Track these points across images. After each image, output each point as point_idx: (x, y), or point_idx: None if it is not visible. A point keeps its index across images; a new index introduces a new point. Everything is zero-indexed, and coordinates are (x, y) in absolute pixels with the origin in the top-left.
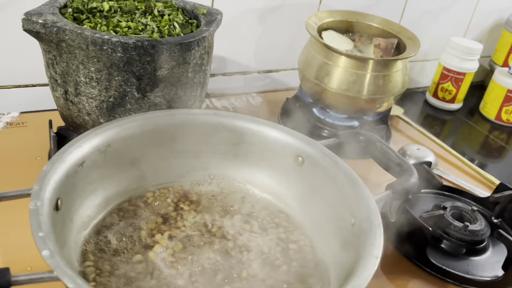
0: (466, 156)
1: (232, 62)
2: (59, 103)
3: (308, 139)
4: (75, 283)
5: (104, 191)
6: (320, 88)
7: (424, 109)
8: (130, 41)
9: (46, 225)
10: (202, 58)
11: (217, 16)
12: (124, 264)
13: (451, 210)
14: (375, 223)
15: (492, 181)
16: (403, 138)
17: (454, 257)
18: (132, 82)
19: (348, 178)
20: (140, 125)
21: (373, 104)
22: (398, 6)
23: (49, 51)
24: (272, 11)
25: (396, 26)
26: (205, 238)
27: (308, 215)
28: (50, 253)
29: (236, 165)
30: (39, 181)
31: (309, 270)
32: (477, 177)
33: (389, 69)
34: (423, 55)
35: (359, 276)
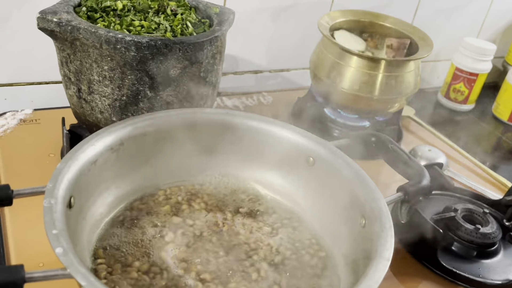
0: (478, 157)
1: (243, 61)
2: (72, 101)
3: (319, 140)
4: (88, 281)
5: (117, 189)
6: (331, 88)
7: (436, 110)
8: (143, 40)
9: (60, 222)
10: (215, 58)
11: (230, 15)
12: (135, 262)
13: (462, 212)
14: (387, 226)
15: (505, 184)
16: (414, 139)
17: (465, 259)
18: (145, 81)
19: (360, 179)
20: (153, 124)
21: (384, 105)
22: (411, 6)
23: (63, 49)
24: (285, 10)
25: (409, 26)
26: (215, 236)
27: (318, 216)
28: (64, 251)
29: (248, 164)
30: (52, 179)
31: (318, 270)
32: (489, 179)
33: (401, 69)
34: (435, 55)
35: (370, 278)
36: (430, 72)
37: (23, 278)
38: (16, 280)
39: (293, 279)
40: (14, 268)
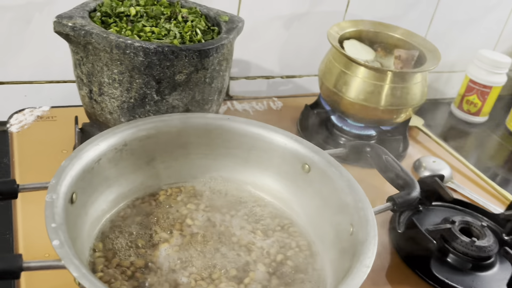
0: (487, 170)
1: (256, 66)
2: (84, 101)
3: (315, 148)
4: (80, 272)
5: (119, 187)
6: (338, 97)
7: (449, 121)
8: (151, 46)
9: (60, 217)
10: (221, 65)
11: (238, 24)
12: (132, 258)
13: (460, 224)
14: (371, 234)
15: (508, 198)
16: (421, 149)
17: (460, 271)
18: (152, 85)
19: (351, 188)
20: (156, 126)
21: (390, 115)
22: (426, 16)
23: (77, 52)
24: (298, 19)
25: (419, 38)
26: (211, 237)
27: (312, 222)
28: (60, 243)
29: (247, 169)
30: (56, 175)
31: (307, 276)
32: (493, 193)
33: (407, 81)
34: (450, 66)
35: (347, 284)
36: (445, 82)
37: (20, 266)
38: (13, 269)
39: (282, 283)
40: (12, 257)
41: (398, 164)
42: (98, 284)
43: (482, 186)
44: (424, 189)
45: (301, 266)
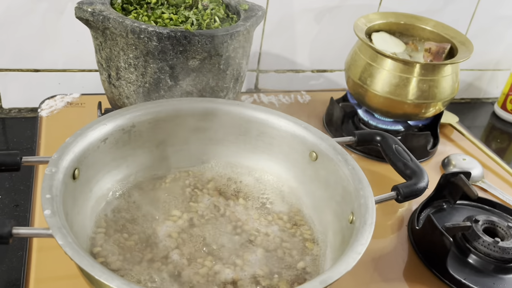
0: None
1: (285, 60)
2: (104, 86)
3: (323, 135)
4: (65, 241)
5: (127, 168)
6: (363, 90)
7: (491, 121)
8: (164, 31)
9: (57, 189)
10: (236, 52)
11: (258, 12)
12: (133, 235)
13: (484, 224)
14: (368, 222)
15: None
16: (453, 147)
17: (481, 273)
18: (165, 70)
19: (354, 176)
20: (165, 110)
21: (418, 109)
22: (467, 11)
23: (96, 37)
24: (329, 11)
25: (451, 31)
26: (215, 221)
27: (317, 210)
28: (52, 213)
29: (255, 155)
30: (59, 151)
31: (308, 263)
32: None
33: (436, 74)
34: (494, 64)
35: (334, 269)
36: (488, 81)
37: (9, 232)
38: (2, 234)
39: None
40: (2, 222)
41: (408, 153)
42: (81, 253)
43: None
44: (448, 186)
45: (302, 253)
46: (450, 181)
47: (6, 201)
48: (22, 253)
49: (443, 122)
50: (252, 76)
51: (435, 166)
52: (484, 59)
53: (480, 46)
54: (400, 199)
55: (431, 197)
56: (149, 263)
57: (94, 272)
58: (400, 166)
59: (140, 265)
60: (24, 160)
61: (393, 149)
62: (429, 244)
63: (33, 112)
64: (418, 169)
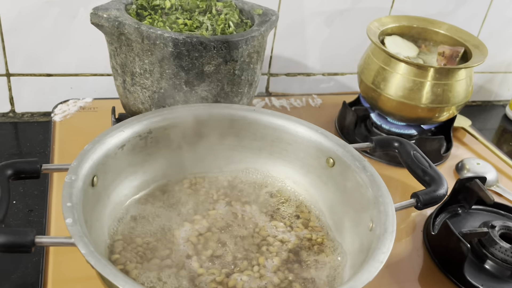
0: None
1: (296, 63)
2: (119, 91)
3: (340, 141)
4: (88, 250)
5: (144, 174)
6: (376, 94)
7: (502, 124)
8: (180, 37)
9: (77, 197)
10: (251, 57)
11: (272, 17)
12: (151, 242)
13: (500, 229)
14: (389, 230)
15: None
16: (466, 151)
17: (498, 279)
18: (181, 76)
19: (373, 183)
20: (181, 116)
21: (431, 113)
22: (479, 14)
23: (111, 43)
24: (340, 14)
25: (465, 34)
26: (231, 227)
27: (334, 217)
28: (73, 221)
29: (271, 161)
30: (78, 158)
31: (325, 271)
32: None
33: (450, 78)
34: (506, 66)
35: (356, 279)
36: (500, 83)
37: (32, 241)
38: (25, 243)
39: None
40: (24, 232)
41: (427, 160)
42: (104, 262)
43: None
44: (463, 191)
45: (319, 261)
46: (465, 186)
47: (20, 206)
48: (37, 258)
49: (455, 126)
50: (263, 79)
51: (449, 171)
52: (496, 61)
53: (491, 48)
54: (420, 206)
55: (446, 202)
56: (168, 270)
57: (117, 281)
58: (419, 173)
59: (158, 272)
60: (44, 168)
61: (411, 156)
62: (445, 250)
63: (45, 116)
64: (437, 176)
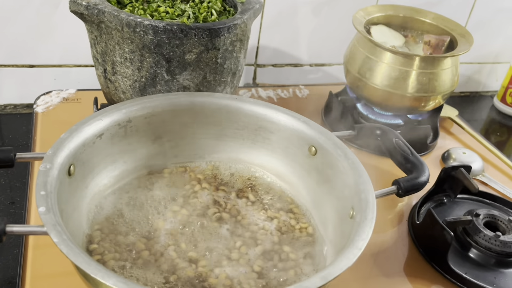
0: None
1: (283, 54)
2: (100, 81)
3: (322, 129)
4: (60, 238)
5: (124, 164)
6: (362, 83)
7: (491, 114)
8: (160, 24)
9: (52, 186)
10: (234, 45)
11: (255, 5)
12: (130, 232)
13: (485, 218)
14: (368, 217)
15: None
16: (453, 141)
17: (482, 267)
18: (162, 64)
19: (354, 170)
20: (162, 104)
21: (417, 102)
22: (466, 4)
23: (91, 31)
24: (328, 4)
25: (451, 23)
26: (214, 216)
27: (316, 205)
28: (46, 210)
29: (254, 150)
30: (53, 147)
31: (307, 258)
32: None
33: (436, 67)
34: (493, 57)
35: (335, 265)
36: (488, 74)
37: (3, 230)
38: None
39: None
40: None
41: (409, 147)
42: (76, 250)
43: None
44: (448, 180)
45: (301, 249)
46: (450, 175)
47: (1, 198)
48: (18, 250)
49: (442, 116)
50: (250, 70)
51: (435, 160)
52: (484, 52)
53: (479, 39)
54: (401, 193)
55: (431, 191)
56: (147, 260)
57: (90, 270)
58: (400, 160)
59: (137, 262)
60: (18, 157)
61: (393, 143)
62: (429, 239)
63: (28, 108)
64: (419, 163)
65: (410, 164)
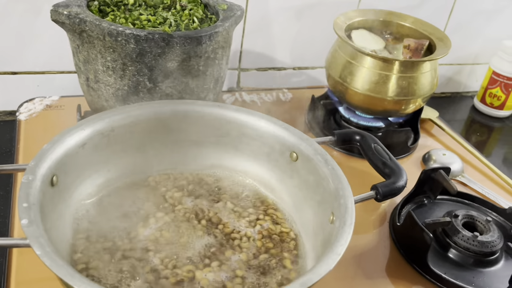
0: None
1: (267, 58)
2: (83, 88)
3: (303, 135)
4: (43, 251)
5: (108, 172)
6: (343, 87)
7: (471, 114)
8: (142, 33)
9: (34, 197)
10: (216, 52)
11: (237, 12)
12: (115, 240)
13: (463, 218)
14: (347, 222)
15: None
16: (433, 142)
17: (461, 267)
18: (144, 72)
19: (334, 176)
20: (145, 113)
21: (398, 106)
22: (445, 7)
23: (73, 40)
24: (310, 9)
25: (429, 27)
26: (196, 223)
27: (299, 210)
28: (29, 222)
29: (237, 157)
30: (36, 158)
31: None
32: (507, 188)
33: (415, 70)
34: (473, 58)
35: (315, 271)
36: (468, 75)
37: None
38: None
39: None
40: None
41: (387, 153)
42: (60, 262)
43: (495, 181)
44: (428, 182)
45: (284, 254)
46: (430, 176)
47: None
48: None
49: (423, 117)
50: (233, 74)
51: (416, 162)
52: (463, 53)
53: (459, 41)
54: (379, 198)
55: (412, 193)
56: (131, 268)
57: (73, 281)
58: (379, 165)
59: (121, 271)
60: (0, 169)
61: (372, 148)
62: (410, 240)
63: (11, 115)
64: (397, 168)
65: (388, 169)
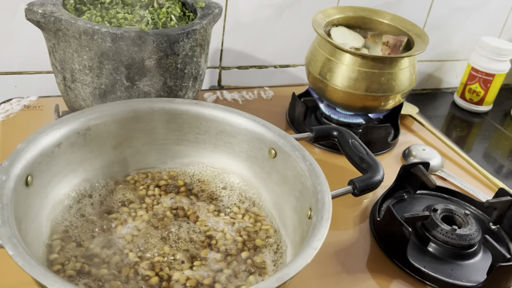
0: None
1: (248, 56)
2: (60, 88)
3: (281, 132)
4: (16, 251)
5: (85, 172)
6: (323, 84)
7: (451, 110)
8: (118, 31)
9: (8, 198)
10: (194, 50)
11: (215, 10)
12: (92, 240)
13: (442, 212)
14: (324, 217)
15: (500, 186)
16: (412, 138)
17: (440, 260)
18: (121, 71)
19: (312, 172)
20: (122, 111)
21: (377, 102)
22: (424, 3)
23: (49, 39)
24: (289, 7)
25: (408, 24)
26: (175, 221)
27: (278, 207)
28: (2, 222)
29: (216, 154)
30: (10, 158)
31: (269, 261)
32: (485, 182)
33: (394, 67)
34: (452, 54)
35: (290, 266)
36: (447, 71)
37: None
38: None
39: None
40: None
41: (365, 148)
42: (33, 262)
43: (474, 175)
44: (408, 177)
45: (262, 251)
46: (409, 171)
47: None
48: None
49: (403, 114)
50: (215, 73)
51: (396, 158)
52: (443, 50)
53: (438, 38)
54: (356, 193)
55: (392, 188)
56: (108, 269)
57: (46, 281)
58: (356, 160)
59: (98, 271)
60: None
61: (349, 144)
62: (389, 235)
63: None
64: (374, 163)
65: (365, 164)
